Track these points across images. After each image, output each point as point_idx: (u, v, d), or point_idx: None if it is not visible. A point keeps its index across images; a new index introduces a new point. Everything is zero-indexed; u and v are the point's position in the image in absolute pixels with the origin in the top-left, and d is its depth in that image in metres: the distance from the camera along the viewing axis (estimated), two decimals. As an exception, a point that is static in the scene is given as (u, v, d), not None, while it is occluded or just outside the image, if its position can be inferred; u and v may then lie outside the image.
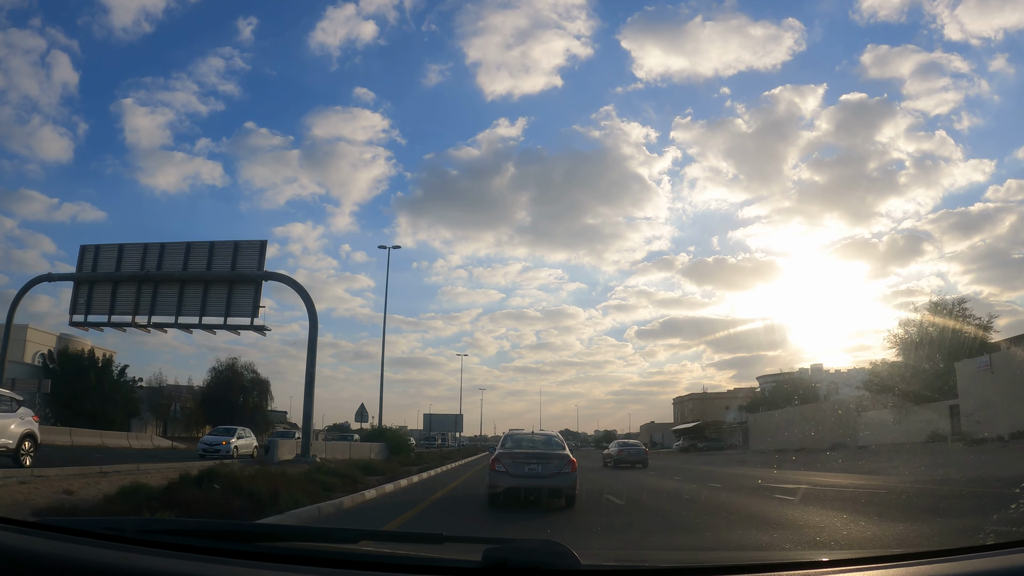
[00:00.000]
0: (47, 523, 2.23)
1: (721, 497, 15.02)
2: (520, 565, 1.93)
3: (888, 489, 14.93)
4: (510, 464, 12.61)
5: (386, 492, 15.49)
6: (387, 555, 2.12)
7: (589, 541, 8.22)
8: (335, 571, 1.97)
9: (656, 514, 12.14)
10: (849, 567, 2.12)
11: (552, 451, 13.20)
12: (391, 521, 10.30)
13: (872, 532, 8.60)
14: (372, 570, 1.97)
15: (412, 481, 19.34)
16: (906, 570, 2.02)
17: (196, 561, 1.94)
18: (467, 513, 12.15)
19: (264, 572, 1.93)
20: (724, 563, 2.27)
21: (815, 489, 15.71)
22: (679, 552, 6.98)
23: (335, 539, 2.36)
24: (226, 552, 2.04)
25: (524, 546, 2.01)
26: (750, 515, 10.94)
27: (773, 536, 8.34)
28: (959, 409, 35.78)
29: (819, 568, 2.12)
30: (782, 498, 13.76)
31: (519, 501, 12.28)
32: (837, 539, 7.86)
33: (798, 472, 24.13)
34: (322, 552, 2.14)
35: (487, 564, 1.92)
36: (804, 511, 11.15)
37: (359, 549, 2.18)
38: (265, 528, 3.05)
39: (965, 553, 2.14)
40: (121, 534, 2.12)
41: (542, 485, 12.44)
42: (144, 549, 2.01)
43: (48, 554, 1.91)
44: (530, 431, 17.03)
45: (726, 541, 8.21)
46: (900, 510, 10.97)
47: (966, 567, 2.03)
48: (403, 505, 13.12)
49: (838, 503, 12.14)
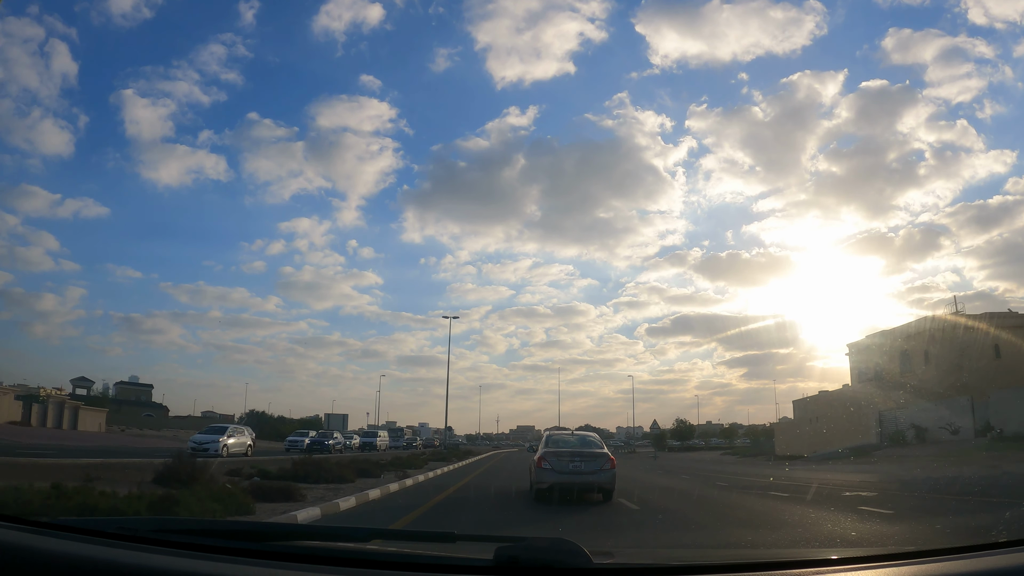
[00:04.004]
0: (60, 523, 2.24)
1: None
2: (532, 563, 1.93)
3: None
4: (555, 462, 13.52)
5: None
6: (399, 554, 2.13)
7: (601, 539, 8.23)
8: (347, 570, 1.98)
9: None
10: (859, 564, 2.12)
11: (592, 449, 14.07)
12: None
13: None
14: (384, 569, 1.98)
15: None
16: (916, 567, 2.03)
17: (209, 561, 1.95)
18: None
19: (276, 571, 1.94)
20: (735, 561, 2.26)
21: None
22: (690, 550, 6.98)
23: (347, 538, 2.37)
24: (238, 551, 2.05)
25: (536, 544, 2.01)
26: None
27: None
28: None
29: (830, 566, 2.12)
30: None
31: (558, 497, 12.90)
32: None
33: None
34: (334, 551, 2.15)
35: (499, 562, 1.92)
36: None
37: (371, 548, 2.19)
38: (277, 527, 3.06)
39: (976, 551, 2.14)
40: (134, 533, 2.14)
41: (585, 481, 13.34)
42: (157, 549, 2.03)
43: (61, 554, 1.92)
44: (569, 431, 17.55)
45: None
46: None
47: (978, 564, 2.02)
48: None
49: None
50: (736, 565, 2.19)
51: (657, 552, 5.05)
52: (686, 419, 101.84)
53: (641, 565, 2.27)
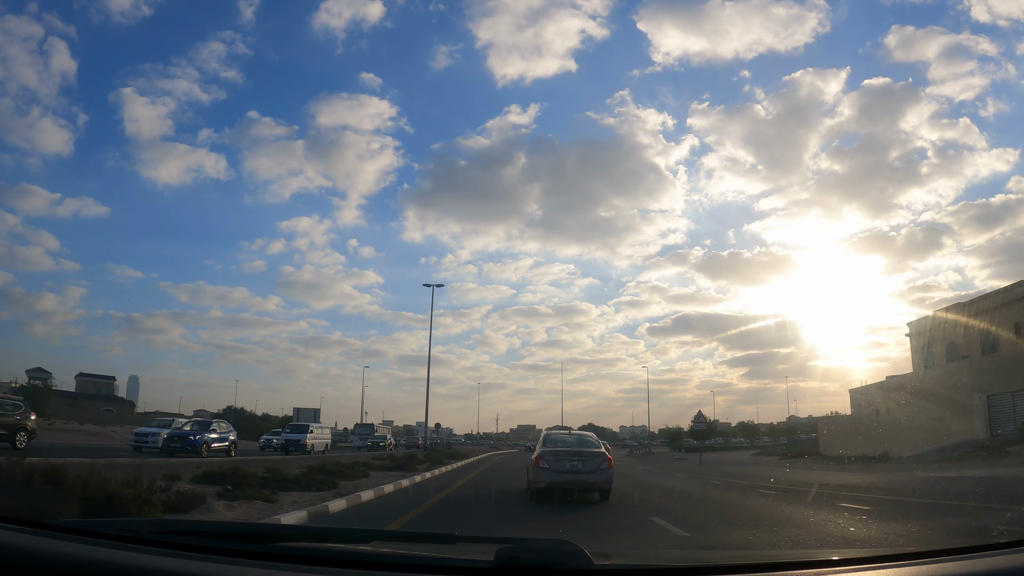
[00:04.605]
0: (60, 524, 2.24)
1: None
2: (532, 565, 1.93)
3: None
4: (553, 461, 13.47)
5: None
6: (399, 555, 2.13)
7: (602, 541, 8.21)
8: (347, 571, 1.98)
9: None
10: (860, 565, 2.12)
11: (589, 449, 14.04)
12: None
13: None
14: (384, 570, 1.98)
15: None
16: (917, 568, 2.02)
17: (209, 562, 1.95)
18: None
19: (276, 573, 1.94)
20: (736, 562, 2.26)
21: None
22: (691, 551, 6.99)
23: (347, 539, 2.37)
24: (238, 553, 2.05)
25: (536, 545, 2.01)
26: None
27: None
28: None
29: (831, 566, 2.12)
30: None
31: (556, 497, 12.77)
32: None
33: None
34: (334, 552, 2.15)
35: (499, 564, 1.92)
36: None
37: (371, 549, 2.19)
38: (277, 529, 3.06)
39: (977, 551, 2.14)
40: (134, 535, 2.13)
41: (582, 480, 13.29)
42: (157, 550, 2.02)
43: (61, 555, 1.92)
44: (568, 431, 17.53)
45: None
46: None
47: (979, 565, 2.02)
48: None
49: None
50: (737, 566, 2.19)
51: (657, 553, 5.04)
52: (706, 415, 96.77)
53: (641, 566, 2.27)
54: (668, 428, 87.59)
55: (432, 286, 48.37)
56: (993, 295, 42.17)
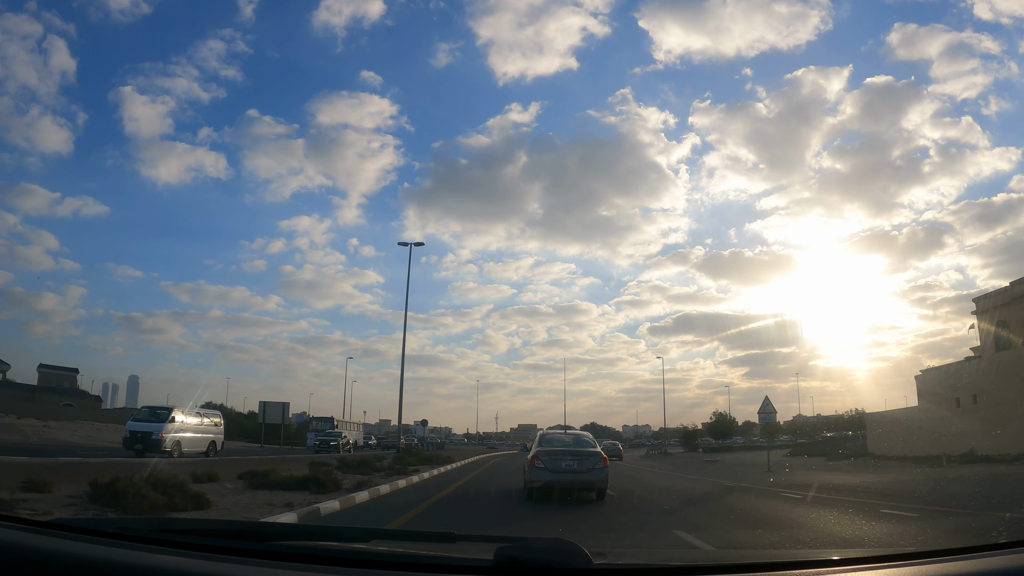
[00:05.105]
0: (60, 523, 2.24)
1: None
2: (532, 564, 1.93)
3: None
4: (548, 461, 13.60)
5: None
6: (399, 554, 2.13)
7: (601, 540, 8.19)
8: (347, 570, 1.98)
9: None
10: (861, 565, 2.12)
11: (585, 448, 14.24)
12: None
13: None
14: (384, 568, 1.98)
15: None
16: (918, 568, 2.02)
17: (209, 560, 1.95)
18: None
19: (276, 571, 1.94)
20: (737, 561, 2.26)
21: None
22: (692, 551, 6.99)
23: (347, 538, 2.37)
24: (238, 551, 2.05)
25: (536, 544, 2.01)
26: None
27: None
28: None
29: (831, 566, 2.12)
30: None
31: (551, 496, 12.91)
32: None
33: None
34: (334, 551, 2.15)
35: (499, 563, 1.92)
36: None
37: (371, 548, 2.20)
38: (277, 527, 3.06)
39: (977, 551, 2.14)
40: (134, 533, 2.14)
41: (578, 480, 13.44)
42: (157, 548, 2.03)
43: (61, 553, 1.92)
44: (564, 430, 17.50)
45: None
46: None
47: (979, 565, 2.02)
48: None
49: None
50: (737, 566, 2.19)
51: (657, 552, 5.05)
52: (725, 413, 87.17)
53: (641, 565, 2.27)
54: (682, 427, 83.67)
55: (409, 244, 43.65)
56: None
